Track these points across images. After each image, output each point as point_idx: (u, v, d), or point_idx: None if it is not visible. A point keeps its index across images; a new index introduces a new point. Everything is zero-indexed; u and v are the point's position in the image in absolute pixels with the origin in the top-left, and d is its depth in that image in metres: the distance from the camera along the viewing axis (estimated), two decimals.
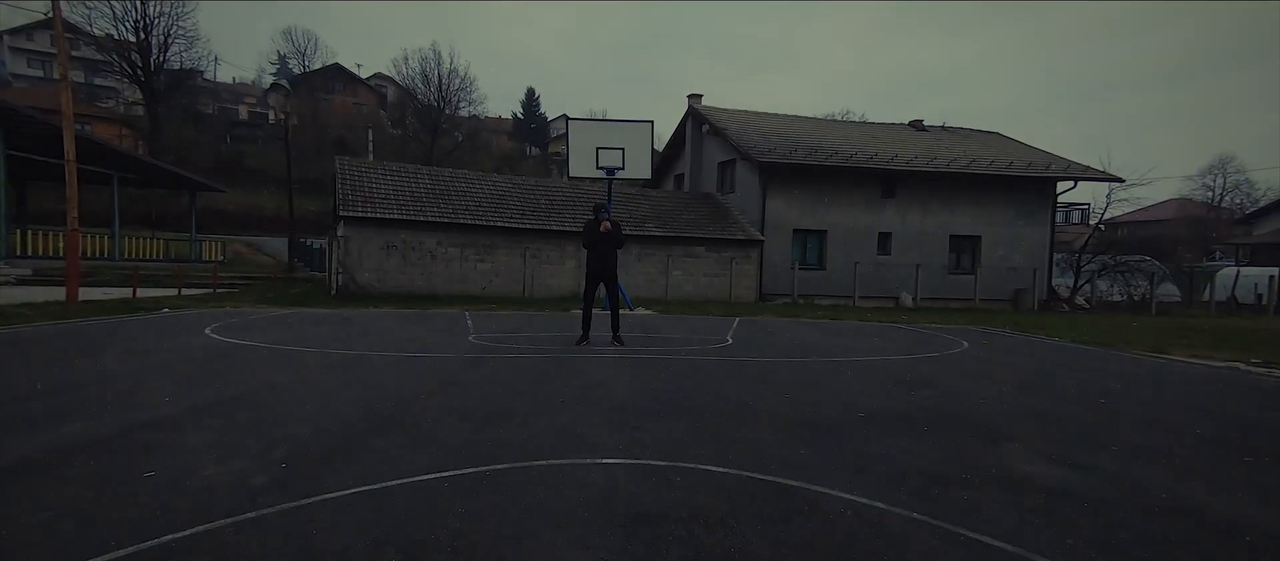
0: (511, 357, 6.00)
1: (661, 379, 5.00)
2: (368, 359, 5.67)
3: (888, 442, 3.21)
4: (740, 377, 5.20)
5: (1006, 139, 22.89)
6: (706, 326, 10.02)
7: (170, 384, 4.29)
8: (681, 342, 7.69)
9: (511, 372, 5.14)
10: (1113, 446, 3.25)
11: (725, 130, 19.34)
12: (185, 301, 11.95)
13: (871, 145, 19.75)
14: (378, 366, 5.29)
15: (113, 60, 37.32)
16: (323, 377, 4.68)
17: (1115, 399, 4.74)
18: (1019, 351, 7.92)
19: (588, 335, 7.21)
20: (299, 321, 9.09)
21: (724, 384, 4.87)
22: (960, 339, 9.29)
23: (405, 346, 6.63)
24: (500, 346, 6.83)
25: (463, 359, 5.83)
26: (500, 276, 15.71)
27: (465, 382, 4.61)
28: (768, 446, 3.10)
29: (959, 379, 5.53)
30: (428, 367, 5.27)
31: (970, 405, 4.31)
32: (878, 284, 18.58)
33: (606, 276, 7.15)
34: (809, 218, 18.58)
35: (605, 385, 4.65)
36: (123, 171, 20.37)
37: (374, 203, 14.85)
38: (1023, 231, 19.42)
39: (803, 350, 7.29)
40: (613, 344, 7.16)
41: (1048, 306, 18.92)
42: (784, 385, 4.91)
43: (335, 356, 5.76)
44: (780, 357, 6.58)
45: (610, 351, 6.58)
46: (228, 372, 4.77)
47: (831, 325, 11.19)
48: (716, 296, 17.22)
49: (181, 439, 2.98)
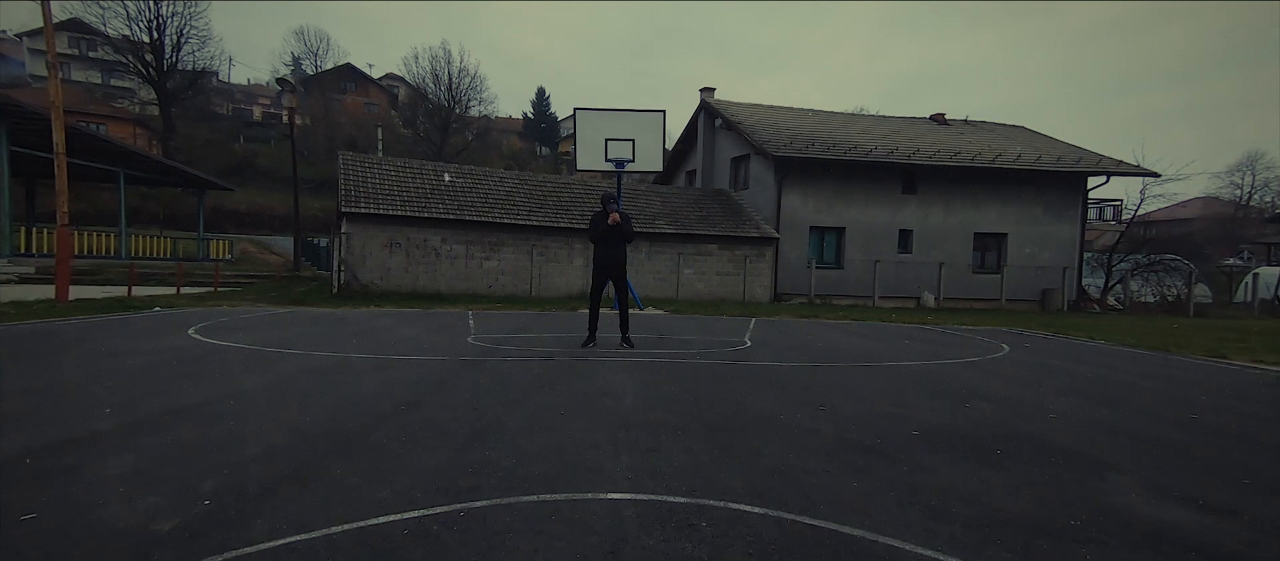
0: (510, 361, 5.47)
1: (676, 386, 4.43)
2: (352, 363, 5.16)
3: (958, 472, 2.62)
4: (765, 385, 4.62)
5: (1032, 133, 22.02)
6: (722, 327, 9.43)
7: (122, 391, 3.79)
8: (696, 345, 7.12)
9: (508, 378, 4.60)
10: (1245, 479, 2.63)
11: (739, 124, 18.72)
12: (182, 300, 11.58)
13: (891, 139, 19.02)
14: (361, 371, 4.77)
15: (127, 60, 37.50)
16: (296, 385, 4.17)
17: (1208, 414, 4.09)
18: (1066, 356, 7.24)
19: (594, 337, 6.66)
20: (292, 321, 8.64)
21: (748, 393, 4.29)
22: (996, 341, 8.62)
23: (397, 348, 6.12)
24: (500, 348, 6.30)
25: (457, 362, 5.30)
26: (507, 275, 15.22)
27: (455, 390, 4.07)
28: (811, 476, 2.52)
29: (1014, 388, 4.89)
30: (416, 373, 4.74)
31: (1041, 422, 3.69)
32: (898, 283, 17.86)
33: (615, 273, 6.59)
34: (826, 214, 17.90)
35: (612, 393, 4.09)
36: (129, 169, 20.16)
37: (377, 199, 14.42)
38: (1051, 229, 18.58)
39: (829, 353, 6.68)
40: (622, 346, 6.61)
41: (1078, 307, 18.07)
42: (816, 394, 4.32)
43: (317, 360, 5.26)
44: (806, 362, 5.98)
45: (619, 354, 6.02)
46: (192, 378, 4.28)
47: (854, 326, 10.55)
48: (730, 296, 16.61)
49: (99, 463, 2.46)
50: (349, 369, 4.82)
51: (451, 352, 5.89)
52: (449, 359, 5.49)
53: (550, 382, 4.45)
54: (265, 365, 4.93)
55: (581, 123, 11.06)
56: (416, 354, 5.75)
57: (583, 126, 11.03)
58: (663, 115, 11.13)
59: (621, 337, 6.70)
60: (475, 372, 4.79)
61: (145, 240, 22.77)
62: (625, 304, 6.71)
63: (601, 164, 11.11)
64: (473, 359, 5.54)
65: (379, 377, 4.50)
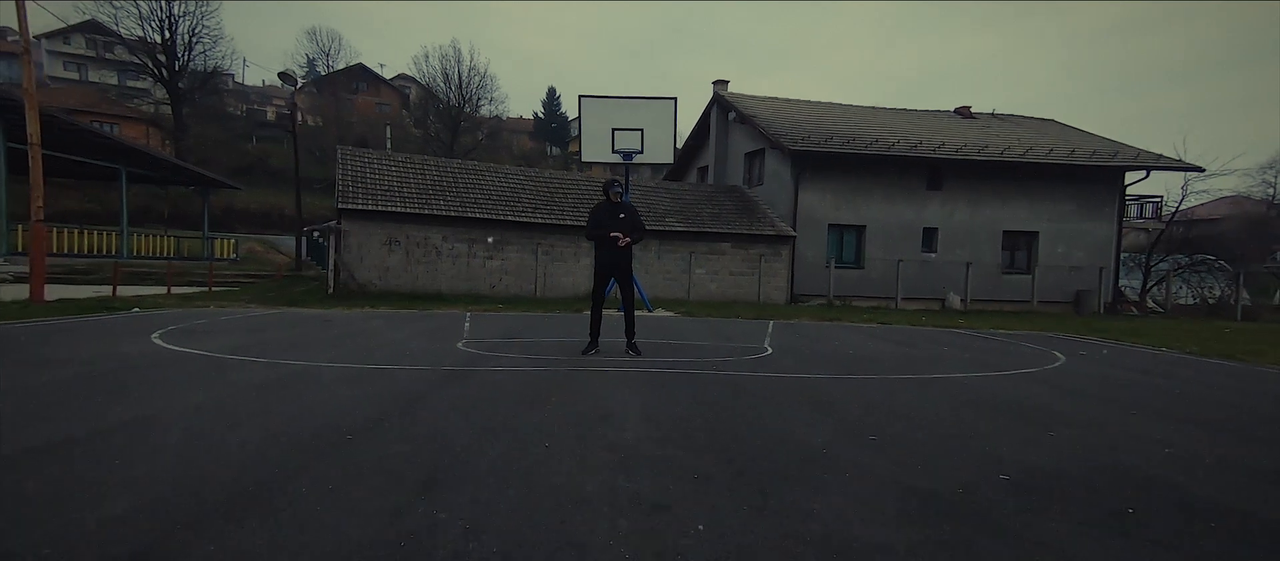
0: (500, 372, 4.76)
1: (690, 407, 3.70)
2: (318, 374, 4.49)
3: (1096, 549, 1.86)
4: (798, 404, 3.87)
5: (1063, 126, 20.98)
6: (737, 331, 8.67)
7: (20, 413, 3.14)
8: (711, 352, 6.37)
9: (493, 394, 3.90)
10: None
11: (753, 117, 17.92)
12: (169, 301, 11.04)
13: (914, 133, 18.12)
14: (327, 384, 4.10)
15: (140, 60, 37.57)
16: (237, 404, 3.50)
17: None
18: (1131, 365, 6.40)
19: (597, 343, 5.94)
20: (274, 324, 8.02)
21: (778, 416, 3.55)
22: (1045, 348, 7.77)
23: (376, 355, 5.45)
24: (491, 356, 5.61)
25: (438, 374, 4.61)
26: (511, 274, 14.57)
27: (423, 412, 3.37)
28: (887, 556, 1.77)
29: (1095, 409, 4.10)
30: (386, 387, 4.05)
31: (1157, 459, 2.90)
32: (921, 284, 16.96)
33: (619, 272, 5.87)
34: (845, 212, 17.05)
35: (613, 417, 3.36)
36: (130, 166, 19.82)
37: (376, 195, 13.84)
38: (1085, 227, 17.56)
39: (862, 363, 5.90)
40: (627, 353, 5.88)
41: (1114, 310, 17.04)
42: (861, 417, 3.57)
43: (283, 370, 4.59)
44: (839, 374, 5.21)
45: (624, 363, 5.30)
46: (117, 395, 3.62)
47: (881, 330, 9.73)
48: (743, 297, 15.83)
49: None
50: (310, 382, 4.15)
51: (435, 361, 5.20)
52: (430, 368, 4.81)
53: (540, 401, 3.73)
54: (214, 378, 4.27)
55: (587, 112, 10.35)
56: (395, 362, 5.07)
57: (588, 116, 10.32)
58: (674, 103, 10.39)
59: (627, 344, 5.98)
60: (455, 387, 4.09)
61: (149, 239, 22.47)
62: (631, 307, 5.99)
63: (608, 156, 10.40)
64: (457, 368, 4.85)
65: (341, 394, 3.82)
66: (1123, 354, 7.50)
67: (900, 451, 2.87)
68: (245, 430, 2.92)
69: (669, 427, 3.16)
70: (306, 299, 12.31)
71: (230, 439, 2.78)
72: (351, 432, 2.90)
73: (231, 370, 4.54)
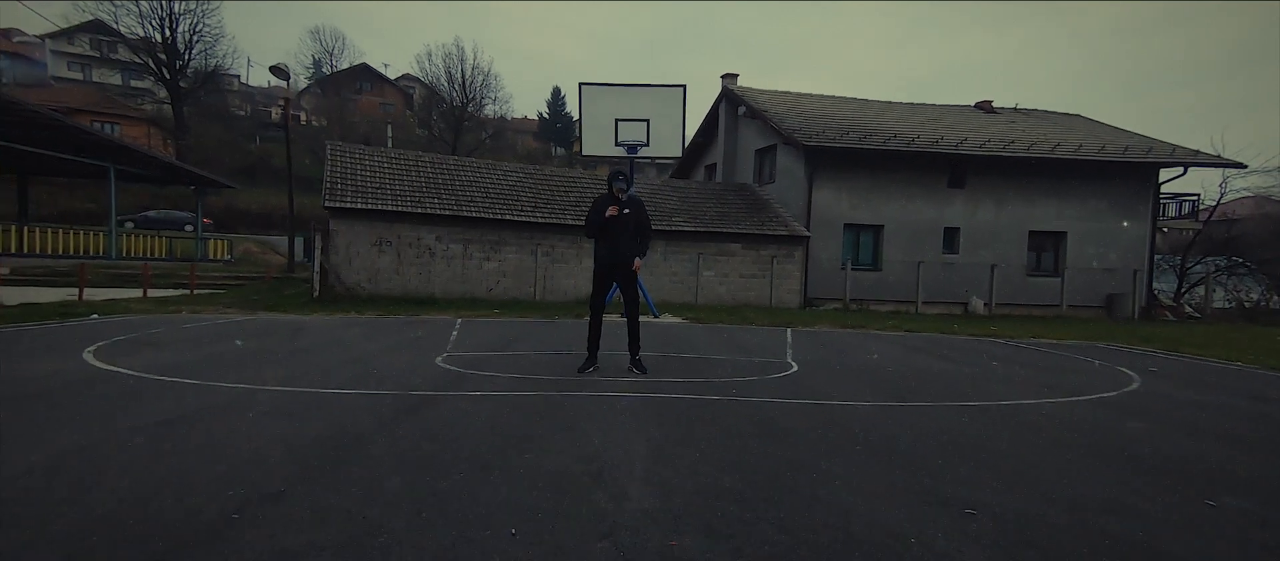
0: (475, 400, 3.94)
1: (710, 451, 2.87)
2: (255, 401, 3.68)
3: None
4: (849, 449, 3.02)
5: (1090, 121, 19.98)
6: (754, 341, 7.82)
7: None
8: (728, 368, 5.53)
9: (457, 436, 3.07)
10: None
11: (765, 112, 17.05)
12: (142, 305, 10.31)
13: (934, 129, 17.20)
14: (252, 419, 3.29)
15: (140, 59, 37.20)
16: (126, 447, 2.69)
17: None
18: (1221, 387, 5.50)
19: (595, 358, 5.11)
20: (240, 333, 7.24)
21: (829, 469, 2.70)
22: (1107, 362, 6.87)
23: (337, 374, 4.64)
24: (472, 375, 4.79)
25: (401, 401, 3.79)
26: (509, 277, 13.77)
27: (361, 463, 2.56)
28: None
29: (1221, 450, 3.22)
30: (329, 422, 3.24)
31: None
32: (942, 287, 16.03)
33: (621, 274, 5.04)
34: (862, 211, 16.14)
35: (609, 472, 2.53)
36: (118, 164, 19.16)
37: (366, 193, 13.07)
38: (1117, 227, 16.58)
39: (906, 382, 5.04)
40: (630, 371, 5.06)
41: (1149, 314, 16.05)
42: (931, 465, 2.72)
43: (209, 398, 3.79)
44: (884, 398, 4.35)
45: (626, 385, 4.47)
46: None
47: (913, 340, 8.84)
48: (755, 301, 14.96)
49: None
50: (232, 416, 3.34)
51: (403, 383, 4.38)
52: (393, 394, 3.99)
53: (516, 445, 2.91)
54: (122, 409, 3.46)
55: (588, 101, 9.51)
56: (355, 385, 4.26)
57: (589, 105, 9.47)
58: (682, 91, 9.53)
59: (630, 360, 5.15)
60: (412, 424, 3.26)
61: (141, 239, 21.82)
62: (636, 315, 5.15)
63: (611, 148, 9.57)
64: (426, 394, 4.03)
65: (266, 432, 3.00)
66: (1198, 370, 6.59)
67: (1000, 525, 2.02)
68: (91, 499, 2.11)
69: (685, 497, 2.32)
70: (289, 303, 11.55)
71: (80, 507, 1.96)
72: (251, 499, 2.08)
73: (147, 397, 3.74)
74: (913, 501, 2.32)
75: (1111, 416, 4.02)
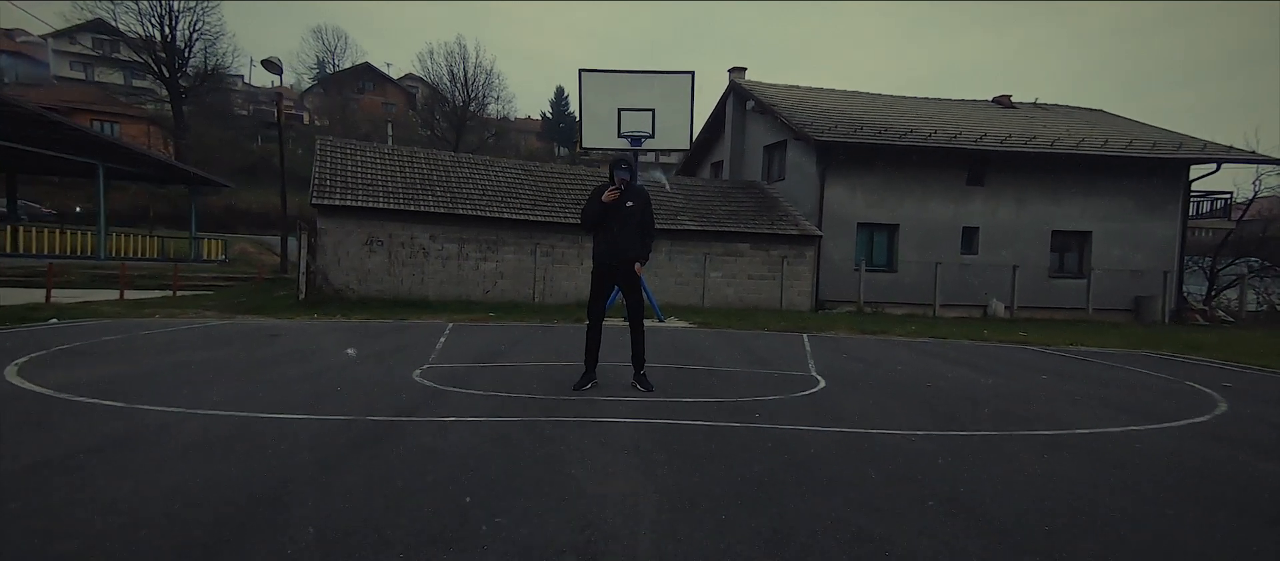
0: (447, 428, 3.27)
1: (736, 502, 2.19)
2: (185, 428, 3.03)
3: None
4: (910, 497, 2.34)
5: (1113, 116, 19.19)
6: (770, 350, 7.13)
7: None
8: (745, 384, 4.85)
9: (416, 480, 2.41)
10: None
11: (774, 107, 16.36)
12: (114, 309, 9.71)
13: (952, 124, 16.46)
14: (172, 453, 2.64)
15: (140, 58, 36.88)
16: None
17: None
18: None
19: (594, 372, 4.45)
20: (208, 340, 6.61)
21: (891, 527, 2.02)
22: (1170, 377, 6.15)
23: (294, 392, 4.00)
24: (450, 394, 4.13)
25: (356, 430, 3.13)
26: (507, 278, 13.12)
27: (277, 527, 1.89)
28: None
29: None
30: (259, 461, 2.59)
31: None
32: (961, 289, 15.29)
33: (623, 276, 4.37)
34: (877, 209, 15.42)
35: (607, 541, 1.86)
36: (107, 162, 18.63)
37: (357, 189, 12.44)
38: (1145, 227, 15.80)
39: (953, 403, 4.34)
40: (634, 387, 4.40)
41: (1179, 318, 15.27)
42: (1036, 529, 2.04)
43: (131, 422, 3.15)
44: (932, 426, 3.66)
45: (629, 406, 3.80)
46: None
47: (942, 348, 8.13)
48: (764, 303, 14.26)
49: None
50: (143, 449, 2.68)
51: (368, 405, 3.72)
52: (350, 420, 3.33)
53: (486, 502, 2.24)
54: (10, 444, 2.81)
55: (588, 89, 8.84)
56: (309, 406, 3.60)
57: (590, 93, 8.80)
58: (690, 78, 8.84)
59: (634, 375, 4.48)
60: (360, 465, 2.60)
61: (133, 239, 21.30)
62: (640, 322, 4.48)
63: (613, 141, 8.90)
64: (389, 419, 3.37)
65: (160, 482, 2.34)
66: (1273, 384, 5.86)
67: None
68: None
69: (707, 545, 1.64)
70: (274, 306, 10.94)
71: None
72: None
73: (46, 426, 3.09)
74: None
75: (1225, 452, 3.31)
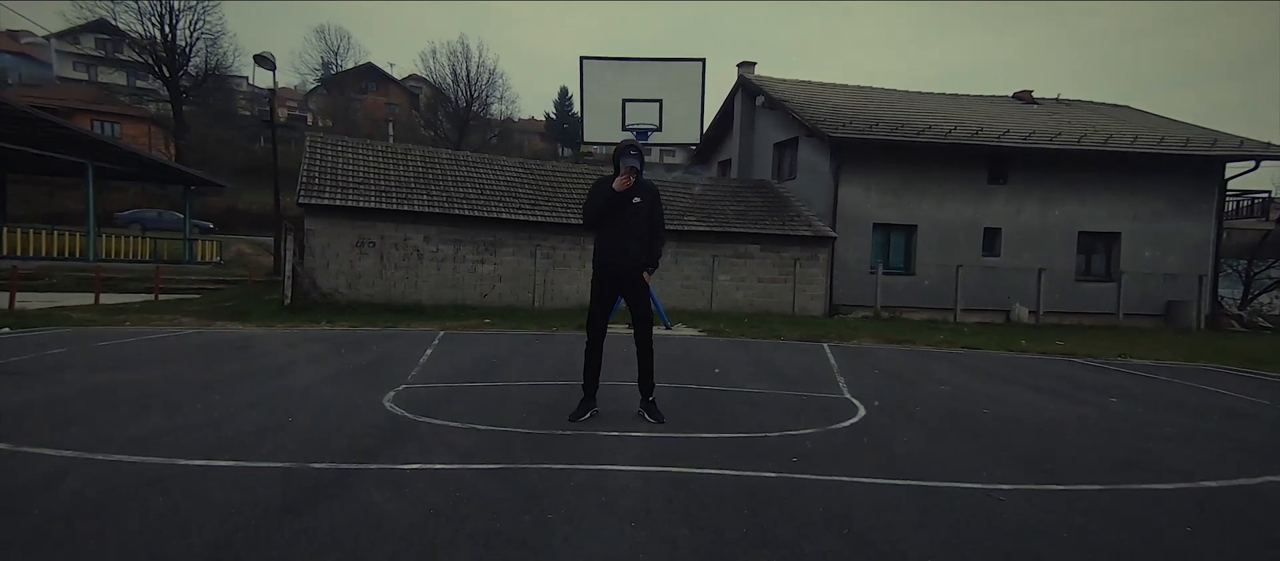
0: (410, 474, 2.59)
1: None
2: (75, 480, 2.37)
3: None
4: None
5: (1141, 112, 18.38)
6: (791, 364, 6.43)
7: None
8: (770, 408, 4.15)
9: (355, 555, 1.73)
10: None
11: (786, 102, 15.65)
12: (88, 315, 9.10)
13: (971, 120, 15.71)
14: (43, 517, 1.97)
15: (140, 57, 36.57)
16: None
17: None
18: None
19: (594, 397, 3.76)
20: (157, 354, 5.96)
21: None
22: (1248, 394, 5.41)
23: (237, 426, 3.33)
24: (424, 423, 3.45)
25: (299, 481, 2.46)
26: (505, 281, 12.46)
27: None
28: None
29: None
30: (165, 527, 1.91)
31: None
32: (982, 293, 14.54)
33: (627, 284, 3.69)
34: (893, 209, 14.69)
35: None
36: (96, 160, 18.08)
37: (347, 188, 11.81)
38: (1177, 227, 15.00)
39: (1031, 438, 3.63)
40: (640, 416, 3.71)
41: (1215, 325, 14.47)
42: None
43: (6, 475, 2.47)
44: (1023, 478, 2.94)
45: (636, 442, 3.11)
46: None
47: (981, 361, 7.39)
48: (775, 307, 13.55)
49: None
50: (10, 515, 2.02)
51: (315, 444, 3.04)
52: (293, 467, 2.65)
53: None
54: None
55: (590, 78, 8.15)
56: (244, 448, 2.93)
57: (592, 82, 8.12)
58: (701, 66, 8.15)
59: (641, 402, 3.80)
60: (284, 539, 1.92)
61: (125, 241, 20.73)
62: (649, 343, 3.78)
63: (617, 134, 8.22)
64: (340, 467, 2.69)
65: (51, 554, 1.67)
66: None
67: None
68: None
69: None
70: (258, 311, 10.31)
71: None
72: None
73: None
74: None
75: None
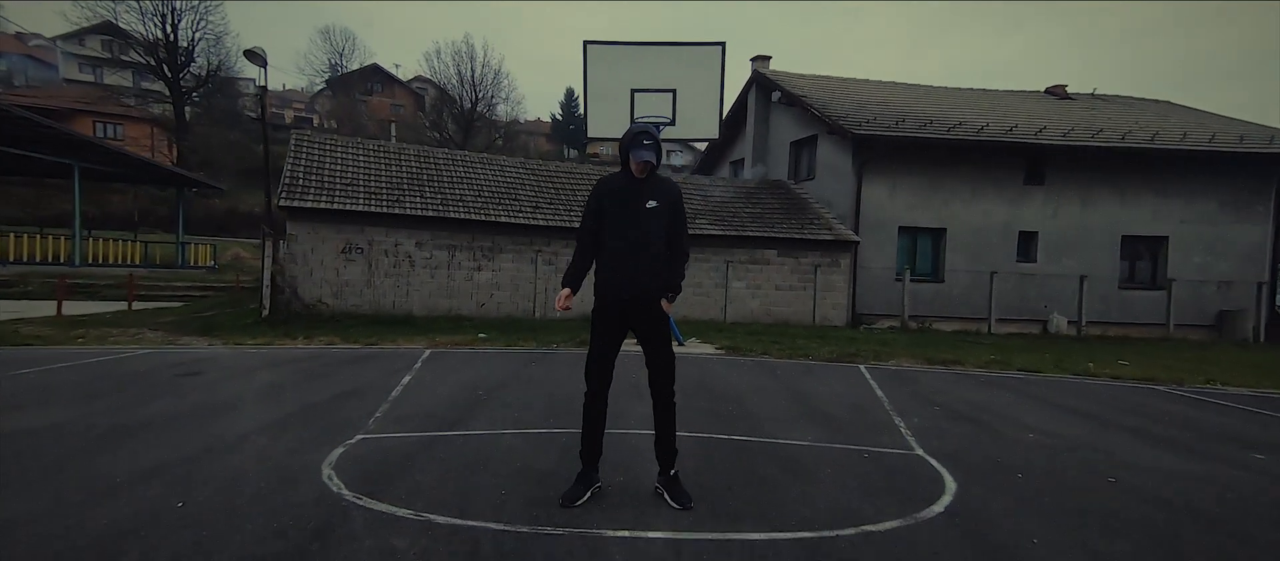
0: None
1: None
2: None
3: None
4: None
5: (1185, 108, 17.22)
6: (830, 395, 5.44)
7: None
8: (824, 477, 3.18)
9: None
10: None
11: (804, 98, 14.66)
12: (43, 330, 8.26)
13: (1005, 117, 14.65)
14: None
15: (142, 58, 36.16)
16: None
17: None
18: None
19: (594, 471, 2.81)
20: (81, 384, 5.07)
21: None
22: None
23: (109, 517, 2.43)
24: (360, 510, 2.51)
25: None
26: (504, 289, 11.55)
27: None
28: None
29: None
30: None
31: None
32: (1017, 301, 13.47)
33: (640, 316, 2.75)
34: (920, 212, 13.64)
35: None
36: (83, 161, 17.38)
37: (333, 189, 10.94)
38: (1230, 231, 13.87)
39: (1201, 535, 2.66)
40: (658, 494, 2.76)
41: (1275, 336, 13.32)
42: None
43: None
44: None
45: (652, 548, 2.16)
46: None
47: (1054, 392, 6.37)
48: (794, 317, 12.55)
49: None
50: None
51: (192, 556, 2.11)
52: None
53: None
54: None
55: (595, 66, 7.18)
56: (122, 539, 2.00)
57: (596, 69, 7.13)
58: (721, 50, 7.16)
59: (659, 475, 2.84)
60: None
61: (114, 245, 20.02)
62: (670, 402, 2.81)
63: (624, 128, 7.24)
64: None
65: None
66: None
67: None
68: None
69: None
70: (232, 325, 9.45)
71: None
72: None
73: None
74: None
75: None
